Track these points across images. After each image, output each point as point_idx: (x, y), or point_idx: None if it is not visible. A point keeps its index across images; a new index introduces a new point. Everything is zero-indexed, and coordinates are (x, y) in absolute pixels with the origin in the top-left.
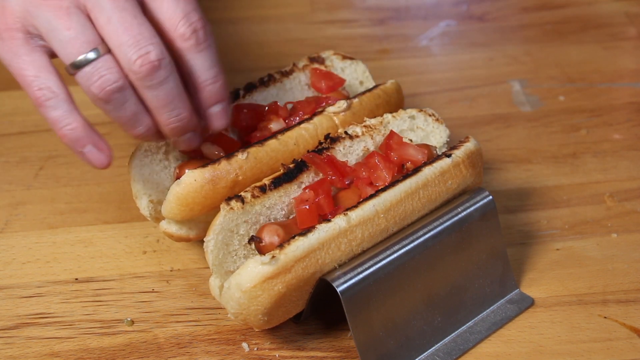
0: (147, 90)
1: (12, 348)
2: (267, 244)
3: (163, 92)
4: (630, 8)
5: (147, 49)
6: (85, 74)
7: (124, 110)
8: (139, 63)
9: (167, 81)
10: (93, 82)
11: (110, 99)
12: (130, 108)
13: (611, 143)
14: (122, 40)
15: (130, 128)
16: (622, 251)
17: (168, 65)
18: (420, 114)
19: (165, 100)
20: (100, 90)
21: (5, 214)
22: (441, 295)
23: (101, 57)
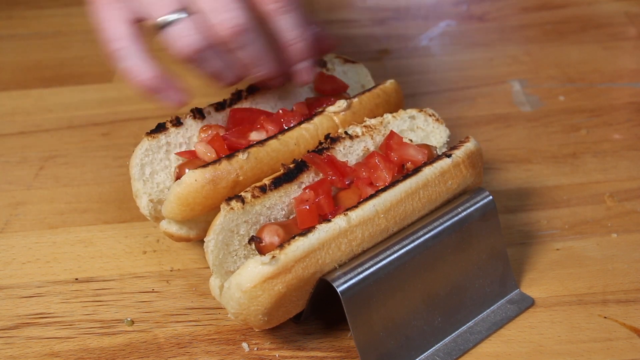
0: (236, 50)
1: (12, 348)
2: (267, 244)
3: (248, 53)
4: (630, 8)
5: (233, 14)
6: (169, 33)
7: (207, 68)
8: (225, 26)
9: (251, 43)
10: (176, 41)
11: (192, 58)
12: (213, 66)
13: (611, 143)
14: (212, 5)
15: (214, 81)
16: (622, 251)
17: (252, 30)
18: (420, 114)
19: (250, 59)
20: (182, 50)
21: (5, 214)
22: (441, 295)
23: (187, 18)
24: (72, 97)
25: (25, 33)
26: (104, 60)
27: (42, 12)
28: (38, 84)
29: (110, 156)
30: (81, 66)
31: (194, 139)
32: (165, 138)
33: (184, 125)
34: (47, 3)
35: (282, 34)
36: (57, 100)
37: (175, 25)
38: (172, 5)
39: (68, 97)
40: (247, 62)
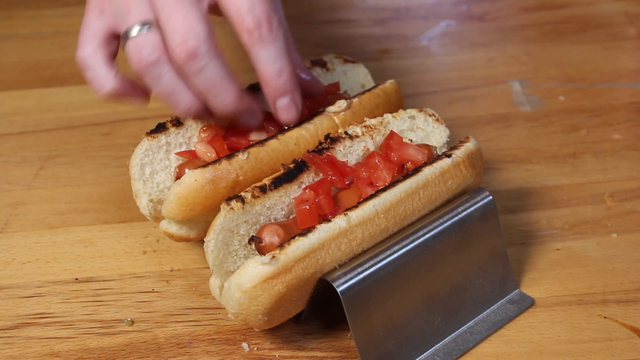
0: (190, 76)
1: (12, 348)
2: (267, 244)
3: (203, 79)
4: (630, 8)
5: (187, 37)
6: (129, 44)
7: (160, 86)
8: (179, 50)
9: (206, 68)
10: (133, 52)
11: (145, 71)
12: (166, 84)
13: (611, 143)
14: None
15: (170, 104)
16: (622, 251)
17: (207, 53)
18: (420, 114)
19: (206, 86)
20: (136, 61)
21: (5, 214)
22: (441, 295)
23: (147, 32)
24: (72, 97)
25: (25, 33)
26: None
27: (42, 12)
28: (38, 84)
29: (110, 156)
30: None
31: (194, 139)
32: (166, 138)
33: (184, 125)
34: (47, 3)
35: (260, 67)
36: (57, 100)
37: (136, 38)
38: (140, 17)
39: (68, 97)
40: (205, 88)
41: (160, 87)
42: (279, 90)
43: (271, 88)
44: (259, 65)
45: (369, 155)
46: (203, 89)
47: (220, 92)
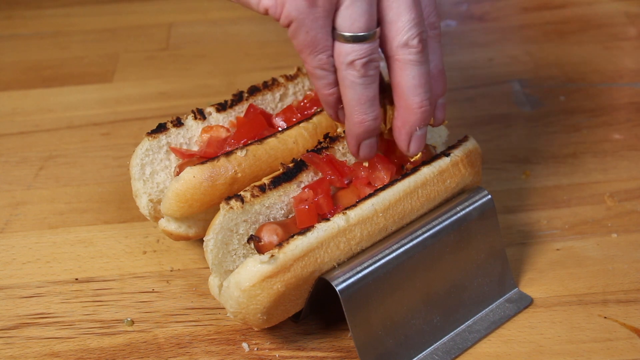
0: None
1: (12, 348)
2: (266, 243)
3: (426, 70)
4: (630, 8)
5: (422, 28)
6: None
7: (370, 89)
8: (418, 39)
9: (427, 62)
10: (363, 56)
11: (368, 74)
12: (374, 88)
13: (611, 143)
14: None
15: (364, 111)
16: (622, 251)
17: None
18: None
19: (425, 79)
20: (364, 65)
21: (5, 214)
22: (440, 294)
23: (376, 37)
24: (72, 97)
25: (25, 33)
26: (104, 60)
27: (42, 12)
28: (38, 84)
29: (110, 156)
30: (81, 66)
31: (194, 140)
32: (166, 138)
33: (184, 125)
34: (47, 3)
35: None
36: (57, 100)
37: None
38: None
39: (68, 97)
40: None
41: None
42: (444, 88)
43: (441, 83)
44: (434, 60)
45: None
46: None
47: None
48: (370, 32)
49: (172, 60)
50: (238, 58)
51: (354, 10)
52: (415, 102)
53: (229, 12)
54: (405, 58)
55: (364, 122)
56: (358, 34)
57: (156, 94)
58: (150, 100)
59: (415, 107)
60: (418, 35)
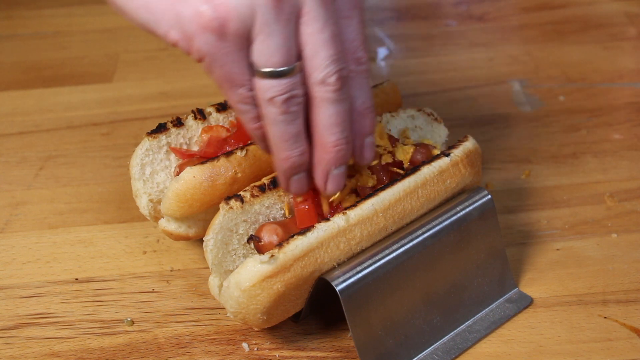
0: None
1: (12, 348)
2: (266, 243)
3: (344, 108)
4: (630, 8)
5: (344, 65)
6: (277, 83)
7: (293, 126)
8: (335, 77)
9: (347, 100)
10: (283, 92)
11: (290, 111)
12: (298, 124)
13: (611, 143)
14: (327, 53)
15: (288, 148)
16: (622, 251)
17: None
18: (419, 114)
19: (342, 117)
20: (285, 102)
21: (5, 214)
22: (440, 294)
23: (296, 72)
24: (72, 97)
25: (25, 33)
26: (104, 60)
27: (42, 12)
28: (38, 84)
29: (110, 156)
30: (81, 66)
31: (194, 140)
32: (166, 138)
33: (184, 125)
34: (47, 3)
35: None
36: (57, 100)
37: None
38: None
39: (68, 97)
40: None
41: (292, 127)
42: (371, 126)
43: (367, 121)
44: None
45: None
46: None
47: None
48: (289, 67)
49: (172, 60)
50: None
51: (269, 45)
52: (330, 141)
53: None
54: (321, 96)
55: (289, 159)
56: (275, 69)
57: (156, 94)
58: (150, 100)
59: (329, 146)
60: (336, 73)
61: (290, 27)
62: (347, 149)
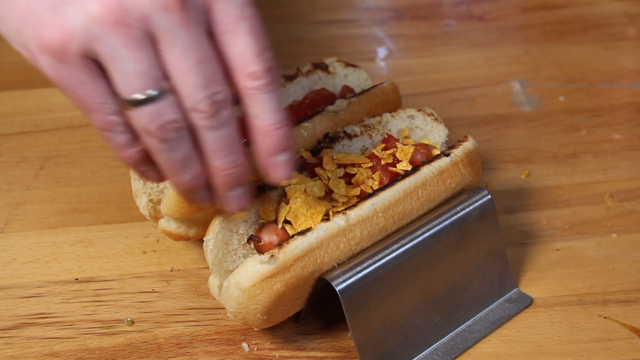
0: (208, 131)
1: (12, 348)
2: (266, 243)
3: (224, 134)
4: (630, 8)
5: (216, 90)
6: (145, 111)
7: (177, 152)
8: (205, 103)
9: (229, 122)
10: (153, 120)
11: (167, 138)
12: (183, 150)
13: (611, 143)
14: (193, 80)
15: (178, 174)
16: (622, 251)
17: (230, 106)
18: (419, 114)
19: (224, 142)
20: (159, 130)
21: (5, 214)
22: (440, 294)
23: (165, 96)
24: None
25: None
26: None
27: None
28: (38, 84)
29: (110, 156)
30: None
31: None
32: None
33: None
34: None
35: (262, 117)
36: (57, 100)
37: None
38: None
39: None
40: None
41: (176, 154)
42: (279, 145)
43: (272, 139)
44: (259, 116)
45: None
46: (219, 146)
47: (235, 150)
48: (154, 93)
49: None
50: None
51: (122, 71)
52: (215, 166)
53: None
54: (197, 123)
55: (183, 184)
56: (137, 97)
57: None
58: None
59: (216, 171)
60: (205, 99)
61: (146, 50)
62: (239, 172)
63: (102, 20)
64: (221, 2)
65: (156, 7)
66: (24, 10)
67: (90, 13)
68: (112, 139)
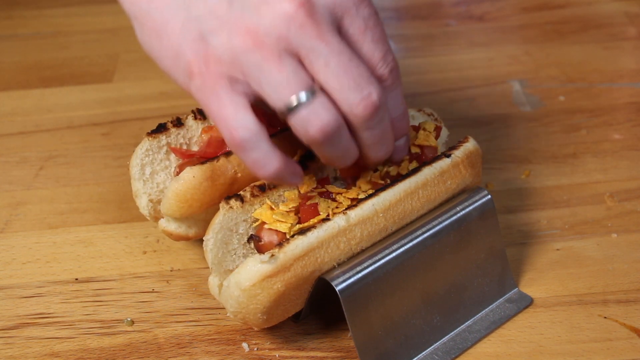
0: (366, 130)
1: (12, 348)
2: (267, 243)
3: (380, 130)
4: (630, 8)
5: (368, 91)
6: (301, 116)
7: (338, 149)
8: (362, 106)
9: (384, 119)
10: (311, 123)
11: (328, 139)
12: (343, 145)
13: (611, 143)
14: (343, 84)
15: (338, 163)
16: (622, 251)
17: (385, 104)
18: (419, 114)
19: (380, 137)
20: (318, 131)
21: (5, 214)
22: (440, 294)
23: (316, 98)
24: (72, 97)
25: (25, 33)
26: (103, 60)
27: (42, 12)
28: (38, 84)
29: (110, 156)
30: (81, 66)
31: (194, 140)
32: (166, 138)
33: (184, 125)
34: (47, 3)
35: (391, 110)
36: (57, 100)
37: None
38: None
39: (68, 97)
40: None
41: (337, 150)
42: (402, 131)
43: (396, 129)
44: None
45: None
46: (374, 140)
47: (388, 140)
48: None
49: None
50: None
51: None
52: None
53: None
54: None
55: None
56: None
57: (156, 94)
58: (150, 100)
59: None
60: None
61: (287, 60)
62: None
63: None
64: (349, 16)
65: (289, 27)
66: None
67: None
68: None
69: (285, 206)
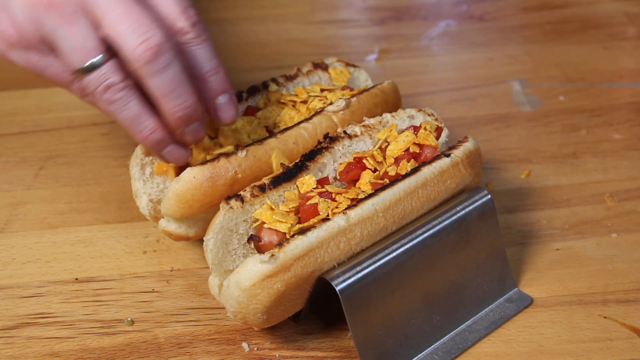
0: (151, 77)
1: (12, 348)
2: (267, 243)
3: (167, 78)
4: (630, 8)
5: (147, 34)
6: (91, 79)
7: (128, 111)
8: (141, 49)
9: (170, 66)
10: (99, 84)
11: (114, 99)
12: (134, 107)
13: (611, 143)
14: (123, 28)
15: (135, 131)
16: (622, 251)
17: (170, 50)
18: (419, 114)
19: (169, 86)
20: (105, 92)
21: (5, 214)
22: (440, 294)
23: (106, 62)
24: (72, 97)
25: None
26: None
27: None
28: (38, 84)
29: (110, 156)
30: None
31: None
32: None
33: None
34: None
35: (199, 65)
36: (57, 100)
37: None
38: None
39: (68, 97)
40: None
41: (127, 112)
42: (219, 87)
43: (212, 84)
44: (198, 64)
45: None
46: (164, 90)
47: (182, 92)
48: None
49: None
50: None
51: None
52: (166, 110)
53: (229, 12)
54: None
55: (144, 140)
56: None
57: None
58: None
59: (168, 115)
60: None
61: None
62: (191, 112)
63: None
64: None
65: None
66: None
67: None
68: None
69: (285, 206)
